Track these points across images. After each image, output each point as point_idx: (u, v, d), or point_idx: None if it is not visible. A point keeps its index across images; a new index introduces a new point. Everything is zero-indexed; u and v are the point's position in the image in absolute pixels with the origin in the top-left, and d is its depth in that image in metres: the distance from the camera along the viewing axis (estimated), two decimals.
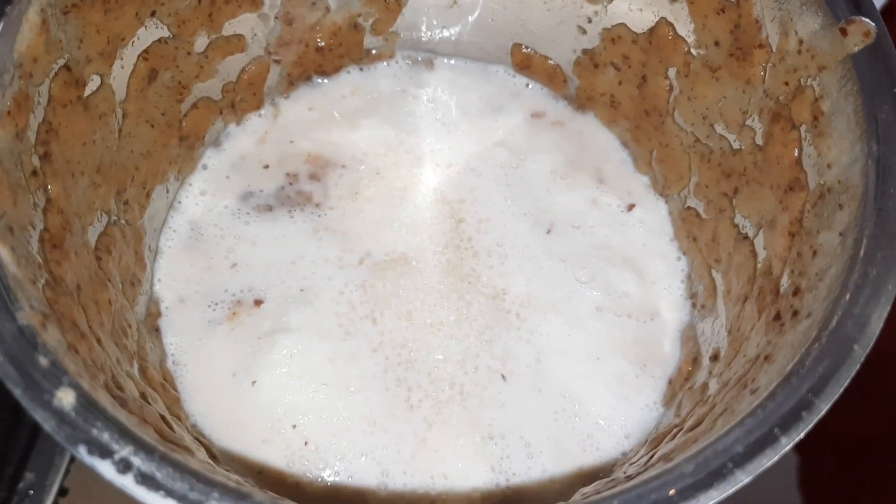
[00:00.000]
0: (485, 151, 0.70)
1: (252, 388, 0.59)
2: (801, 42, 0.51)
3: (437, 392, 0.60)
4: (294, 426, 0.59)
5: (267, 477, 0.57)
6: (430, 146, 0.71)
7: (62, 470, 0.69)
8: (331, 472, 0.57)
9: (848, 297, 0.42)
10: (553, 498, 0.57)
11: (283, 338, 0.61)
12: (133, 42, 0.57)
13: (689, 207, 0.65)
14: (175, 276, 0.64)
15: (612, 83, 0.68)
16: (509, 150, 0.70)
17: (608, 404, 0.61)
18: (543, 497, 0.57)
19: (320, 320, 0.63)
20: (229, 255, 0.65)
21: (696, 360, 0.60)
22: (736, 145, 0.59)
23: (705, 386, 0.55)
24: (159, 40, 0.60)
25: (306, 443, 0.58)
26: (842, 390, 0.40)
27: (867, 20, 0.48)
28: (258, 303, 0.63)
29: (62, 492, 0.68)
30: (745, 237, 0.58)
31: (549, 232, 0.67)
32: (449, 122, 0.72)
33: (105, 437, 0.38)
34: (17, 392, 0.38)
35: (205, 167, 0.69)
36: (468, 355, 0.62)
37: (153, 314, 0.62)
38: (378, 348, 0.62)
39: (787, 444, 0.39)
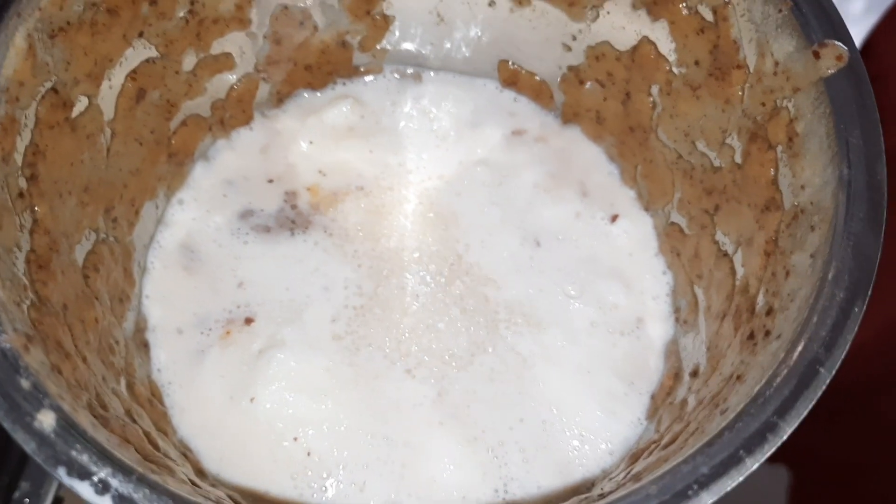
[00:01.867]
0: (467, 171, 0.71)
1: (251, 405, 0.60)
2: (776, 64, 0.52)
3: (434, 401, 0.61)
4: (295, 438, 0.59)
5: (271, 492, 0.58)
6: (418, 162, 0.72)
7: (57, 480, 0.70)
8: (334, 482, 0.58)
9: (815, 319, 0.43)
10: None
11: (279, 352, 0.62)
12: (121, 63, 0.58)
13: (672, 223, 0.66)
14: (164, 292, 0.65)
15: (597, 99, 0.69)
16: (490, 168, 0.71)
17: (595, 418, 0.61)
18: None
19: (315, 334, 0.63)
20: (220, 272, 0.66)
21: (677, 375, 0.60)
22: (717, 163, 0.59)
23: (684, 402, 0.55)
24: (147, 60, 0.60)
25: (308, 454, 0.59)
26: (807, 412, 0.41)
27: (840, 44, 0.49)
28: (249, 321, 0.64)
29: (57, 501, 0.68)
30: (725, 254, 0.58)
31: (537, 246, 0.68)
32: (435, 137, 0.73)
33: (84, 458, 0.39)
34: None
35: (194, 182, 0.69)
36: (464, 367, 0.63)
37: (141, 330, 0.63)
38: (374, 360, 0.63)
39: (752, 465, 0.40)
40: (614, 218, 0.69)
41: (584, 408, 0.62)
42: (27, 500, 0.68)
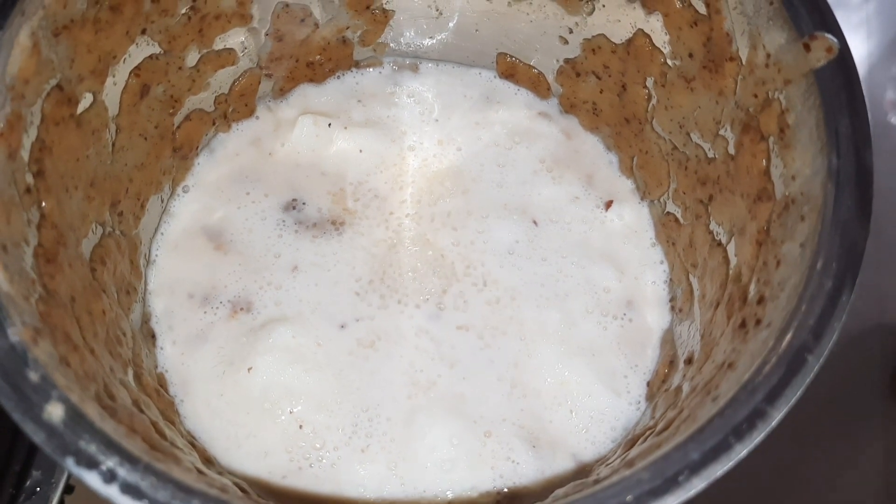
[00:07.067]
0: (467, 157, 0.73)
1: (247, 377, 0.62)
2: (768, 56, 0.53)
3: (433, 381, 0.63)
4: (291, 412, 0.61)
5: (269, 465, 0.60)
6: (420, 148, 0.73)
7: None
8: (327, 456, 0.60)
9: (804, 307, 0.44)
10: (547, 491, 0.59)
11: (280, 325, 0.64)
12: (125, 59, 0.59)
13: (668, 213, 0.67)
14: (169, 282, 0.66)
15: (593, 91, 0.70)
16: (495, 152, 0.73)
17: (602, 399, 0.63)
18: (543, 489, 0.60)
19: (314, 310, 0.65)
20: (225, 258, 0.67)
21: (672, 363, 0.61)
22: (710, 154, 0.60)
23: (679, 389, 0.56)
24: (150, 56, 0.61)
25: (301, 427, 0.61)
26: (795, 399, 0.42)
27: (830, 36, 0.49)
28: (248, 307, 0.65)
29: (68, 489, 0.69)
30: (719, 244, 0.59)
31: (535, 226, 0.69)
32: (437, 118, 0.74)
33: (92, 448, 0.40)
34: (9, 405, 0.40)
35: (198, 175, 0.70)
36: (463, 346, 0.65)
37: (148, 321, 0.64)
38: (373, 337, 0.65)
39: (741, 450, 0.41)
40: (608, 204, 0.70)
41: (591, 389, 0.63)
42: (38, 488, 0.69)
